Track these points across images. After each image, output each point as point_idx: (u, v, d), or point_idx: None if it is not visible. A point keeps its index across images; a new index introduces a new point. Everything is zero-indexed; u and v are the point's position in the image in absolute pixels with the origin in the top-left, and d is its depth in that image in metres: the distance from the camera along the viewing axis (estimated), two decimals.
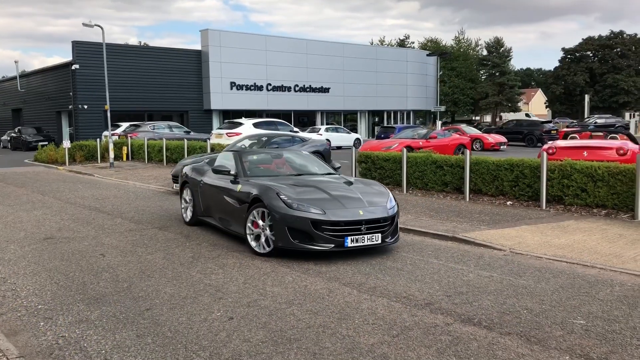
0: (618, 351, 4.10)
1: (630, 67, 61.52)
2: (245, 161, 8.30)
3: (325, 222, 6.56)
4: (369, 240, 6.75)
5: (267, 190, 6.98)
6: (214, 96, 36.92)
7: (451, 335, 4.42)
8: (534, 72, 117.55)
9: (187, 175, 9.24)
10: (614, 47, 62.95)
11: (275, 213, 6.67)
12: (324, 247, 6.55)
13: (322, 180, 7.82)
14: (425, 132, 21.82)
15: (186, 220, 9.10)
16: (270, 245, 6.81)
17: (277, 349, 4.17)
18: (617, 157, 11.62)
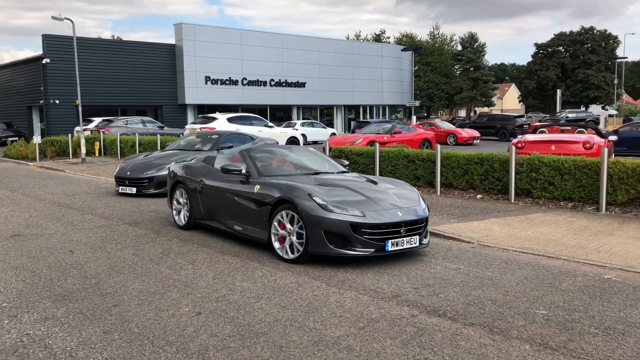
0: (576, 339, 4.22)
1: (600, 62, 62.71)
2: (257, 159, 7.63)
3: (365, 225, 6.08)
4: (407, 243, 6.36)
5: (295, 191, 6.41)
6: (189, 91, 36.61)
7: (416, 326, 4.50)
8: (508, 67, 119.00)
9: (180, 175, 8.53)
10: (585, 43, 64.08)
11: (309, 216, 6.12)
12: (364, 252, 6.10)
13: (345, 179, 7.28)
14: (390, 127, 21.84)
15: (180, 224, 8.37)
16: (299, 250, 6.28)
17: (244, 343, 4.20)
18: (583, 151, 11.87)
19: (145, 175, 11.94)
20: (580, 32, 64.88)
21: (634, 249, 6.93)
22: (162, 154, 12.90)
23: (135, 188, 11.94)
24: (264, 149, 8.32)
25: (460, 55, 63.28)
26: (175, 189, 8.65)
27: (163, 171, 11.64)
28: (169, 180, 8.96)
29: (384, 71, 49.59)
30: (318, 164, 8.10)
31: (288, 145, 10.69)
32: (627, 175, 9.04)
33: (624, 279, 5.77)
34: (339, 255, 6.11)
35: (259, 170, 7.35)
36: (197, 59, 36.78)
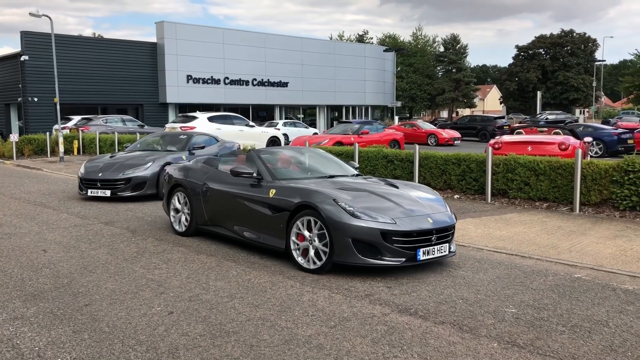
0: (543, 337, 4.29)
1: (579, 65, 63.55)
2: (268, 161, 7.16)
3: (397, 233, 5.69)
4: (438, 251, 5.98)
5: (318, 196, 5.97)
6: (170, 89, 36.38)
7: (387, 325, 4.53)
8: (489, 68, 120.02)
9: (179, 178, 7.96)
10: (565, 46, 64.88)
11: (335, 223, 5.70)
12: (395, 262, 5.71)
13: (365, 183, 6.86)
14: (357, 127, 21.64)
15: (180, 231, 7.85)
16: (321, 259, 5.88)
17: (215, 342, 4.20)
18: (559, 152, 12.04)
19: (122, 176, 11.05)
20: (560, 35, 65.68)
21: (604, 248, 7.05)
22: (134, 154, 12.05)
23: (110, 190, 10.98)
24: (272, 150, 7.78)
25: (443, 57, 63.72)
26: (173, 192, 8.08)
27: (141, 171, 11.10)
28: (165, 183, 8.41)
29: (367, 72, 49.73)
30: (330, 166, 7.63)
31: (295, 147, 10.00)
32: (600, 176, 9.20)
33: (594, 277, 5.87)
34: (367, 266, 5.70)
35: (272, 172, 6.87)
36: (178, 58, 36.57)
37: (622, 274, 5.97)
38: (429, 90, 63.07)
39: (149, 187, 11.10)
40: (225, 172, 7.42)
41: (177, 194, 8.01)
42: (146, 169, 11.18)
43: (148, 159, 11.46)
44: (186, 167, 8.15)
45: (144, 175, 11.08)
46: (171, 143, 12.73)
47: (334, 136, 19.42)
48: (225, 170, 7.51)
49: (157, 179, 11.09)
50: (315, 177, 7.07)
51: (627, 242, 7.34)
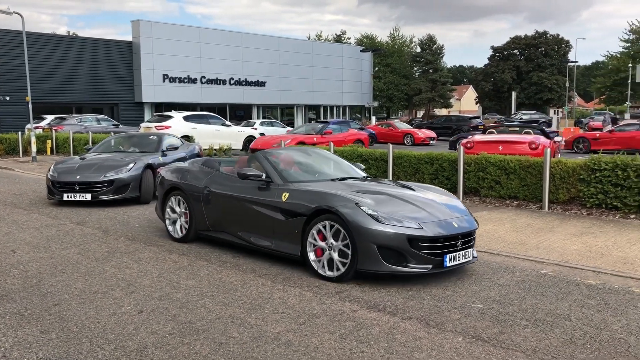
0: (507, 331, 4.39)
1: (553, 65, 64.63)
2: (276, 163, 6.78)
3: (423, 239, 5.43)
4: (463, 257, 5.75)
5: (338, 200, 5.66)
6: (146, 88, 36.08)
7: (355, 321, 4.60)
8: (466, 69, 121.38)
9: (176, 181, 7.48)
10: (539, 47, 65.93)
11: (359, 229, 5.39)
12: (422, 269, 5.44)
13: (380, 185, 6.60)
14: (320, 127, 21.31)
15: (177, 237, 7.40)
16: (344, 264, 5.55)
17: (184, 340, 4.22)
18: (529, 151, 12.27)
19: (104, 179, 10.18)
20: (534, 36, 66.71)
21: (570, 245, 7.22)
22: (111, 155, 11.26)
23: (90, 194, 10.12)
24: (278, 152, 7.32)
25: (419, 57, 64.27)
26: (169, 196, 7.56)
27: (123, 173, 10.32)
28: (159, 186, 7.88)
29: (344, 72, 49.90)
30: (337, 167, 7.30)
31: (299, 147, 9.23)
32: (568, 174, 9.40)
33: (559, 273, 6.01)
34: (393, 273, 5.44)
35: (282, 175, 6.52)
36: (154, 57, 36.28)
37: (586, 270, 6.13)
38: (406, 90, 63.52)
39: (132, 189, 10.36)
40: (228, 174, 7.08)
41: (173, 198, 7.49)
42: (129, 170, 10.41)
43: (128, 159, 10.75)
44: (183, 169, 7.64)
45: (126, 177, 10.33)
46: (140, 144, 12.08)
47: (297, 136, 19.08)
48: (227, 172, 7.17)
49: (139, 181, 10.46)
50: (325, 179, 6.75)
51: (593, 238, 7.53)
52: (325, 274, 5.68)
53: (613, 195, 8.94)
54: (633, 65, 51.38)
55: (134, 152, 11.68)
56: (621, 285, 5.56)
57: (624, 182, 8.81)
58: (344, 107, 51.18)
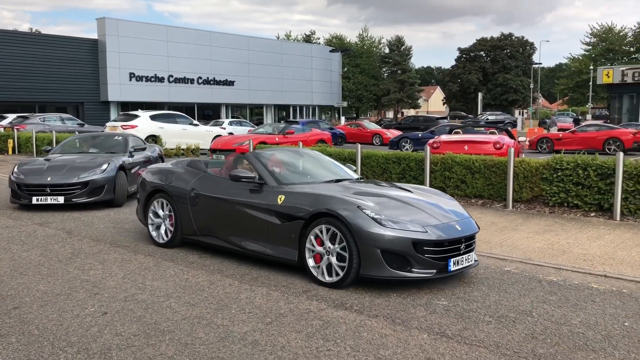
0: (471, 327, 4.48)
1: (518, 67, 65.92)
2: (268, 164, 6.52)
3: (427, 242, 5.27)
4: (466, 261, 5.59)
5: (339, 203, 5.45)
6: (112, 87, 35.50)
7: (322, 319, 4.62)
8: (434, 70, 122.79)
9: (159, 183, 7.09)
10: (504, 48, 67.15)
11: (362, 232, 5.19)
12: (426, 274, 5.27)
13: (377, 187, 6.43)
14: (282, 127, 20.88)
15: (160, 242, 7.02)
16: (343, 269, 5.34)
17: (149, 341, 4.17)
18: (493, 151, 12.50)
19: (78, 180, 9.58)
20: (500, 38, 67.90)
21: (533, 242, 7.38)
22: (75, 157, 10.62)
23: (63, 197, 9.50)
24: (269, 152, 7.01)
25: (388, 58, 64.80)
26: (152, 199, 7.16)
27: (98, 174, 9.76)
28: (140, 189, 7.46)
29: (314, 72, 49.99)
30: (330, 169, 7.06)
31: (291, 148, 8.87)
32: (531, 174, 9.61)
33: (522, 270, 6.14)
34: (397, 279, 5.26)
35: (276, 177, 6.28)
36: (120, 55, 35.73)
37: (548, 267, 6.28)
38: (375, 90, 63.96)
39: (106, 192, 9.81)
40: (216, 176, 6.81)
41: (157, 201, 7.10)
42: (103, 171, 9.84)
43: (100, 160, 10.20)
44: (166, 171, 7.25)
45: (101, 179, 9.76)
46: (106, 145, 11.50)
47: (257, 136, 18.58)
48: (216, 173, 6.91)
49: (114, 182, 9.94)
50: (319, 181, 6.51)
51: (555, 236, 7.71)
52: (324, 279, 5.46)
53: (574, 194, 9.17)
54: (594, 67, 52.80)
55: (99, 153, 11.13)
56: (581, 281, 5.72)
57: (584, 181, 9.05)
58: (313, 107, 51.26)
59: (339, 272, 5.38)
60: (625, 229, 8.06)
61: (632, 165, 8.67)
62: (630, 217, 8.66)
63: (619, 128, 24.81)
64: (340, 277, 5.36)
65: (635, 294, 5.31)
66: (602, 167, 8.88)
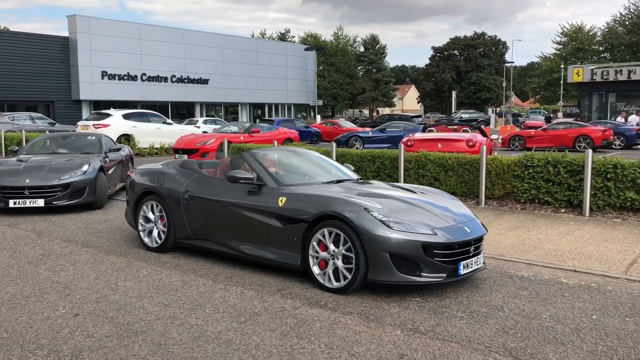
0: (443, 323, 4.53)
1: (491, 66, 66.76)
2: (267, 164, 6.27)
3: (437, 245, 5.07)
4: (475, 264, 5.41)
5: (344, 205, 5.23)
6: (84, 86, 34.94)
7: (297, 318, 4.63)
8: (408, 69, 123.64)
9: (149, 185, 6.83)
10: (478, 47, 67.92)
11: (370, 236, 4.98)
12: (436, 278, 5.08)
13: (380, 187, 6.28)
14: (248, 125, 20.41)
15: (153, 246, 6.76)
16: (351, 274, 5.12)
17: (122, 342, 4.13)
18: (466, 149, 12.64)
19: (59, 182, 9.19)
20: (473, 37, 68.67)
21: (505, 239, 7.50)
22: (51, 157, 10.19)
23: (43, 199, 9.08)
24: (265, 152, 6.73)
25: (363, 57, 65.04)
26: (142, 202, 6.89)
27: (79, 175, 9.41)
28: (130, 191, 7.19)
29: (289, 70, 49.90)
30: (328, 169, 6.81)
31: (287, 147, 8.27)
32: (503, 171, 9.76)
33: (494, 266, 6.23)
34: (407, 284, 5.06)
35: (276, 178, 6.03)
36: (92, 53, 35.19)
37: (519, 262, 6.38)
38: (350, 89, 64.14)
39: (88, 194, 9.46)
40: (211, 177, 6.57)
41: (147, 204, 6.83)
42: (84, 173, 9.47)
43: (80, 161, 9.85)
44: (157, 172, 6.96)
45: (83, 180, 9.39)
46: (78, 145, 11.15)
47: (222, 135, 17.95)
48: (211, 174, 6.67)
49: (95, 184, 9.60)
50: (320, 182, 6.27)
51: (526, 232, 7.84)
52: (329, 285, 5.26)
53: (545, 190, 9.34)
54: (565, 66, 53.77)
55: (71, 153, 10.72)
56: (551, 276, 5.83)
57: (555, 178, 9.22)
58: (289, 105, 51.17)
59: (347, 275, 5.14)
60: (594, 225, 8.23)
61: (601, 163, 8.86)
62: (599, 213, 8.85)
63: (589, 126, 25.31)
64: (347, 282, 5.14)
65: (602, 288, 5.44)
66: (572, 164, 9.06)
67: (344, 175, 6.71)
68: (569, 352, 4.01)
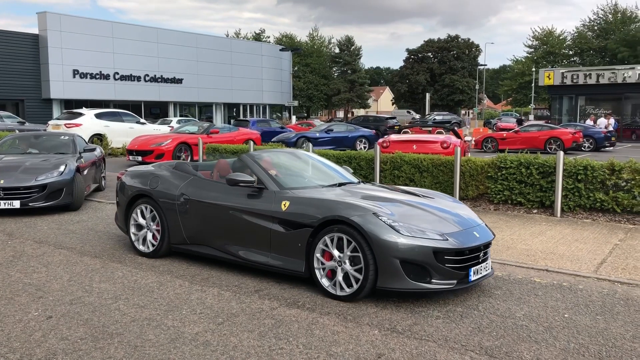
0: (420, 322, 4.58)
1: (464, 68, 67.47)
2: (266, 166, 6.07)
3: (448, 251, 4.93)
4: (484, 269, 5.29)
5: (351, 209, 5.07)
6: (54, 84, 34.24)
7: (275, 318, 4.62)
8: (383, 70, 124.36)
9: (141, 188, 6.58)
10: (451, 50, 68.61)
11: (379, 241, 4.83)
12: (447, 285, 4.94)
13: (385, 190, 6.15)
14: (207, 126, 19.60)
15: (145, 251, 6.51)
16: (355, 283, 4.98)
17: (97, 344, 4.07)
18: (441, 150, 12.80)
19: (36, 183, 8.95)
20: (447, 40, 69.34)
21: None
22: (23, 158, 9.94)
23: (19, 201, 8.81)
24: (264, 154, 6.47)
25: (338, 58, 65.14)
26: (134, 205, 6.66)
27: (56, 176, 9.16)
28: (120, 193, 6.93)
29: (264, 70, 49.71)
30: (328, 171, 6.64)
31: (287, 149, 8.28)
32: (477, 172, 9.90)
33: None
34: (417, 291, 4.91)
35: (278, 181, 5.84)
36: (63, 51, 34.52)
37: (493, 262, 6.41)
38: (325, 90, 64.23)
39: (65, 195, 9.22)
40: (208, 179, 6.37)
41: (140, 207, 6.59)
42: (61, 173, 9.23)
43: (55, 161, 9.63)
44: (149, 174, 6.70)
45: (60, 181, 9.14)
46: (51, 145, 10.84)
47: (179, 136, 17.41)
48: (207, 177, 6.49)
49: (72, 185, 9.35)
50: (323, 185, 6.08)
51: (499, 232, 7.96)
52: (336, 292, 5.09)
53: (518, 191, 9.50)
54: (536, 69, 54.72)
55: (44, 153, 10.41)
56: (524, 276, 5.93)
57: (527, 179, 9.39)
58: (264, 105, 50.98)
59: (358, 276, 4.98)
60: (565, 225, 8.41)
61: (572, 164, 9.05)
62: (570, 214, 9.04)
63: (560, 128, 25.81)
64: (356, 288, 4.97)
65: (574, 287, 5.56)
66: (544, 166, 9.24)
67: (344, 178, 6.54)
68: (542, 350, 4.09)
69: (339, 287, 5.06)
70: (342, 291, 5.05)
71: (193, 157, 16.61)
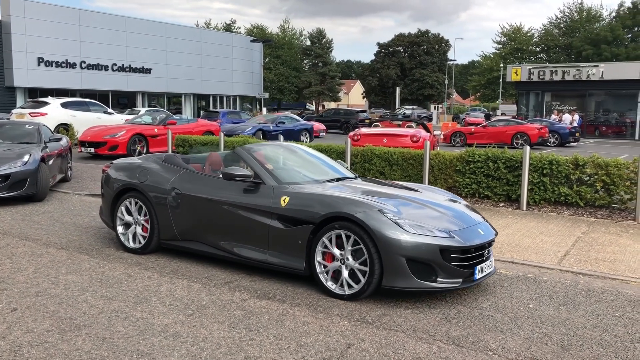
0: (389, 313, 4.64)
1: (434, 63, 68.11)
2: (264, 159, 5.91)
3: (455, 249, 4.83)
4: (488, 267, 5.20)
5: (355, 205, 4.92)
6: (18, 72, 33.33)
7: (245, 310, 4.63)
8: (354, 64, 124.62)
9: (129, 181, 6.30)
10: (421, 45, 69.15)
11: (385, 239, 4.69)
12: (452, 283, 4.84)
13: (384, 186, 6.05)
14: (164, 116, 18.94)
15: (134, 247, 6.25)
16: (359, 282, 4.85)
17: (64, 337, 4.02)
18: (411, 144, 12.93)
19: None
20: (417, 35, 69.84)
21: None
22: None
23: None
24: (259, 147, 6.28)
25: (309, 50, 64.99)
26: (121, 199, 6.37)
27: (19, 166, 8.95)
28: (106, 187, 6.62)
29: (234, 61, 49.28)
30: (324, 166, 6.47)
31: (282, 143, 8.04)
32: (445, 166, 10.03)
33: None
34: (424, 290, 4.81)
35: (276, 176, 5.67)
36: (27, 38, 33.60)
37: None
38: (296, 82, 64.08)
39: (29, 186, 9.03)
40: (200, 173, 6.15)
41: (127, 201, 6.31)
42: (25, 163, 9.02)
43: (18, 151, 9.38)
44: (137, 167, 6.42)
45: (23, 171, 8.94)
46: (15, 134, 10.51)
47: (133, 127, 16.70)
48: (198, 170, 6.29)
49: (36, 175, 9.15)
50: (321, 180, 5.94)
51: None
52: (339, 292, 4.95)
53: (485, 185, 9.67)
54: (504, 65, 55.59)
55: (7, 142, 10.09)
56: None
57: (494, 173, 9.56)
58: (234, 97, 50.59)
59: (352, 284, 4.89)
60: (530, 218, 8.60)
61: (537, 159, 9.25)
62: (535, 207, 9.25)
63: (526, 124, 26.31)
64: (357, 289, 4.86)
65: (538, 279, 5.70)
66: (511, 160, 9.42)
67: (342, 173, 6.42)
68: (507, 339, 4.19)
69: (347, 286, 4.91)
70: (351, 289, 4.89)
71: (149, 149, 16.29)
